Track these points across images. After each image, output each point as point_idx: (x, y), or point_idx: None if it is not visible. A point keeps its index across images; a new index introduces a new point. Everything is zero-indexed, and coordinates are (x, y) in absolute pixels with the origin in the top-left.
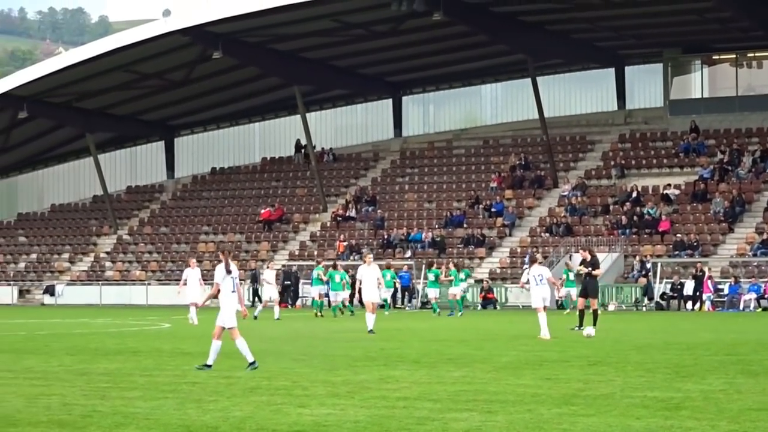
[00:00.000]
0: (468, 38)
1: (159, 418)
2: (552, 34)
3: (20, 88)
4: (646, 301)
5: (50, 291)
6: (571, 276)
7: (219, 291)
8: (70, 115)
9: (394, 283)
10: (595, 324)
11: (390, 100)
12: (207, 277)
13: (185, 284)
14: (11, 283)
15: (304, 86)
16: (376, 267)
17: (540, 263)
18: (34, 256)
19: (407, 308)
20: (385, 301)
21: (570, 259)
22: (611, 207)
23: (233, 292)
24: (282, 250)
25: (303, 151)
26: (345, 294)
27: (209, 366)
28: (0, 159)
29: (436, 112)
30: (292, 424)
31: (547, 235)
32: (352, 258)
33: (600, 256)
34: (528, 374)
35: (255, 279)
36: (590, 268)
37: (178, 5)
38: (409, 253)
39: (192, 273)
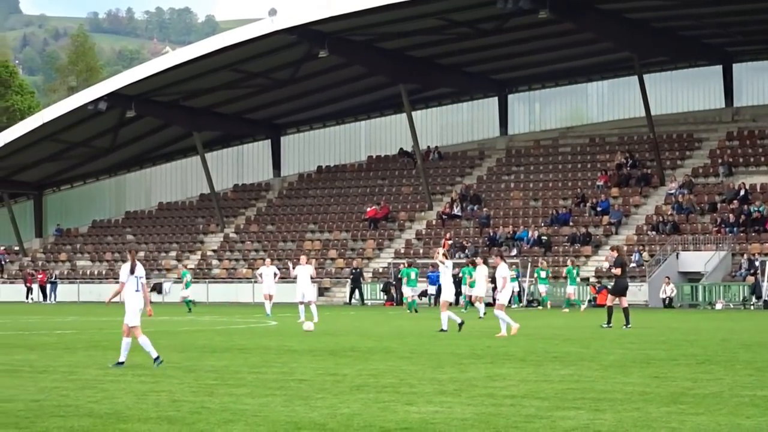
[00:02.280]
0: (574, 36)
1: (267, 415)
2: (658, 31)
3: (128, 88)
4: (753, 299)
5: (157, 289)
6: (543, 274)
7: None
8: (178, 114)
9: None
10: (627, 321)
11: (496, 98)
12: (320, 275)
13: (261, 281)
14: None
15: (409, 85)
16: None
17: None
18: (141, 254)
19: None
20: (414, 302)
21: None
22: (718, 205)
23: (137, 291)
24: (387, 248)
25: (407, 158)
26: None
27: (122, 363)
28: (108, 158)
29: (542, 110)
30: (399, 421)
31: (654, 233)
32: (457, 256)
33: (706, 255)
34: (635, 372)
35: (357, 279)
36: (615, 267)
37: (284, 4)
38: (515, 251)
39: (267, 270)
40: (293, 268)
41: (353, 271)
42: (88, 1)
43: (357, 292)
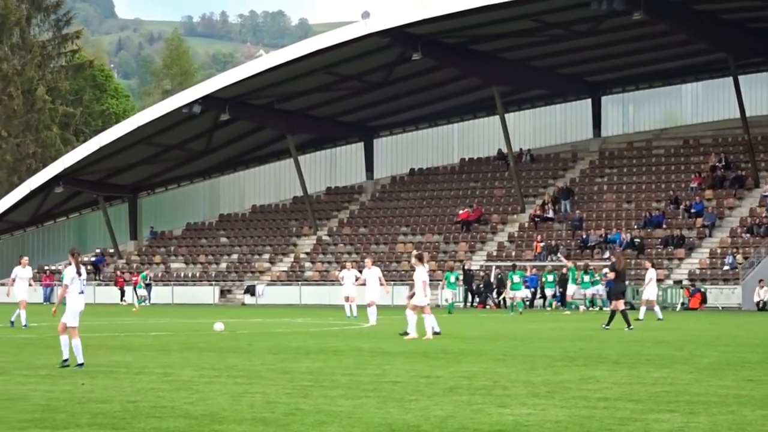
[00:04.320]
0: (668, 37)
1: (361, 417)
2: (754, 32)
3: (222, 91)
4: None
5: (251, 291)
6: (516, 279)
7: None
8: (271, 117)
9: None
10: (627, 323)
11: (589, 100)
12: (405, 278)
13: (364, 284)
14: (213, 283)
15: (502, 87)
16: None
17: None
18: (235, 256)
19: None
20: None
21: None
22: None
23: (81, 293)
24: (480, 251)
25: (500, 160)
26: (524, 293)
27: (66, 361)
28: (202, 161)
29: (635, 112)
30: (493, 423)
31: (748, 235)
32: (549, 258)
33: None
34: (729, 375)
35: (470, 281)
36: (611, 272)
37: (377, 7)
38: (607, 254)
39: (348, 274)
40: (340, 273)
41: (467, 271)
42: (183, 5)
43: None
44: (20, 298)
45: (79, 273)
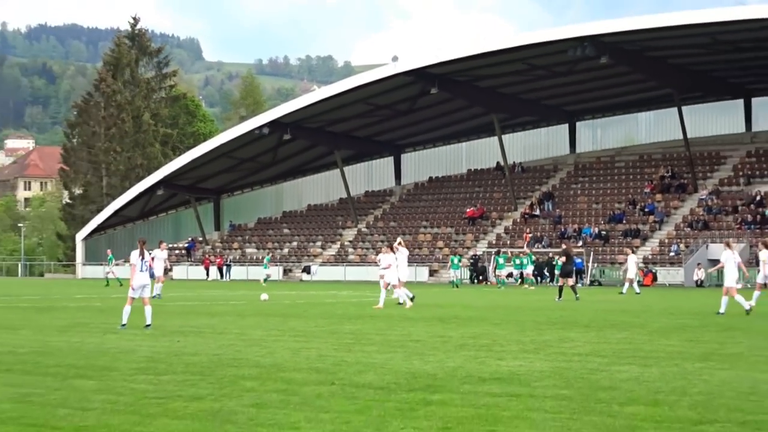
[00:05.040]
0: (627, 76)
1: (392, 367)
2: (693, 73)
3: (284, 117)
4: None
5: (307, 270)
6: (501, 261)
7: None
8: (322, 137)
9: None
10: (576, 295)
11: (567, 125)
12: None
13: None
14: (277, 264)
15: (500, 114)
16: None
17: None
18: (294, 243)
19: (580, 285)
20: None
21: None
22: (739, 208)
23: (142, 271)
24: (482, 240)
25: (498, 171)
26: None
27: (124, 325)
28: (270, 170)
29: (602, 134)
30: (492, 372)
31: (689, 229)
32: (536, 246)
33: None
34: (675, 336)
35: (476, 264)
36: (563, 257)
37: (404, 51)
38: (581, 243)
39: (401, 255)
40: (377, 257)
41: (473, 258)
42: (255, 50)
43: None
44: (158, 274)
45: (141, 257)
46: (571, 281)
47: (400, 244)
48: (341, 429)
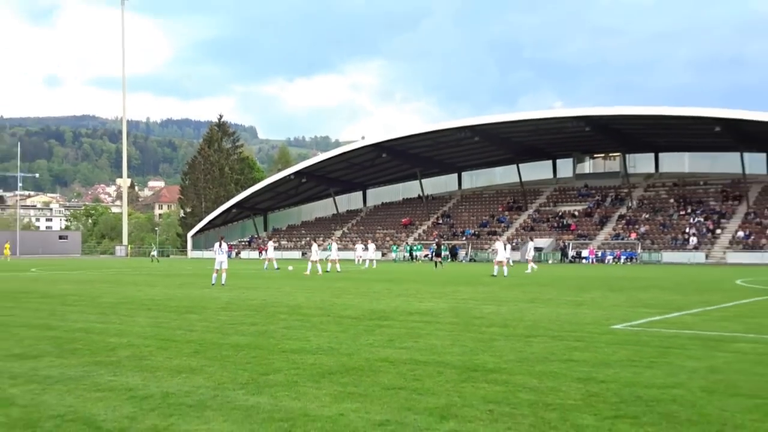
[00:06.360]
0: (489, 147)
1: (361, 306)
2: (526, 145)
3: (303, 169)
4: (563, 259)
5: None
6: (395, 248)
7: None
8: (323, 180)
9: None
10: (442, 266)
11: (456, 174)
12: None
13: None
14: (323, 250)
15: (420, 168)
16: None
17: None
18: (307, 238)
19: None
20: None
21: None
22: (550, 219)
23: (221, 254)
24: (411, 236)
25: (420, 199)
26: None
27: (214, 284)
28: (294, 198)
29: (476, 178)
30: (416, 309)
31: (523, 231)
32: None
33: (546, 241)
34: (516, 290)
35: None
36: (437, 246)
37: (369, 133)
38: (464, 239)
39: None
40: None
41: (437, 244)
42: (287, 131)
43: (437, 256)
44: (270, 256)
45: (220, 245)
46: (439, 259)
47: (366, 241)
48: (334, 339)
